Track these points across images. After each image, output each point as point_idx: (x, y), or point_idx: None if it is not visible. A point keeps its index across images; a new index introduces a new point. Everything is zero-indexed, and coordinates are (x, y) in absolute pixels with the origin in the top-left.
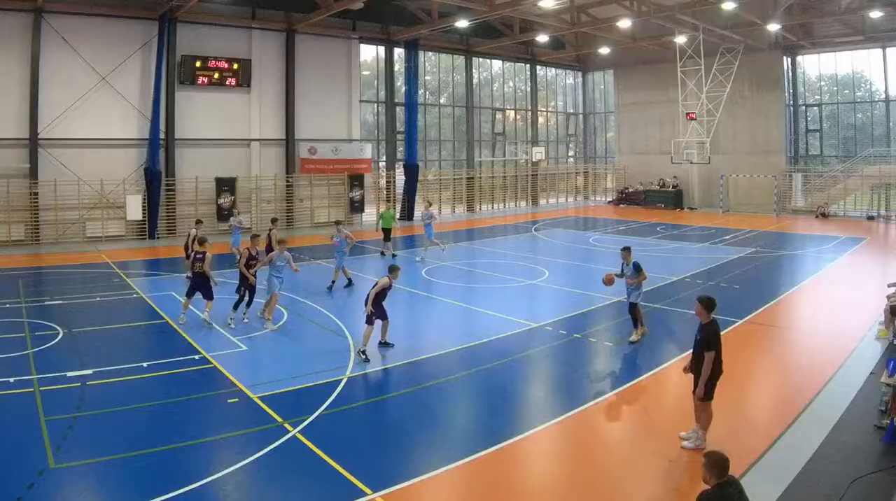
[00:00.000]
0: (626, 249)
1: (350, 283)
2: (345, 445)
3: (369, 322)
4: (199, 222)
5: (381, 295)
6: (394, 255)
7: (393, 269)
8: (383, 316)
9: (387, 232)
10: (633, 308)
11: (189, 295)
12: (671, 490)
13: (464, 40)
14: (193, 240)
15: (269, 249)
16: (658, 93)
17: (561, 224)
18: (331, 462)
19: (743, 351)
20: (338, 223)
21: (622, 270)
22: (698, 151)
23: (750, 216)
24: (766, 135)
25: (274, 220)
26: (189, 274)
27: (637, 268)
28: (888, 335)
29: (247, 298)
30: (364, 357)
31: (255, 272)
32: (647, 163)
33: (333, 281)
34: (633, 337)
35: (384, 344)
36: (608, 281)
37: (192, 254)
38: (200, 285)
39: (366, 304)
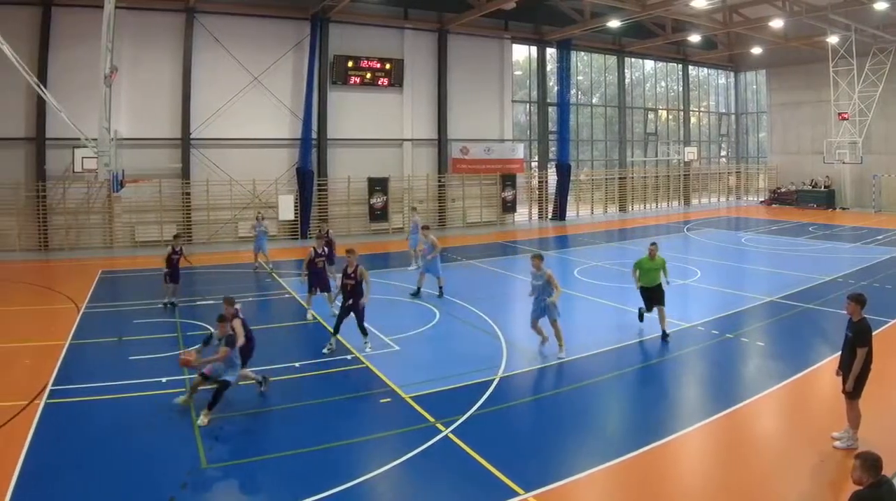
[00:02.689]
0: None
1: (418, 293)
2: (497, 445)
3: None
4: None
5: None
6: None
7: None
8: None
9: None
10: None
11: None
12: (824, 488)
13: (616, 40)
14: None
15: (330, 252)
16: (810, 93)
17: (713, 224)
18: (483, 461)
19: (894, 351)
20: (425, 229)
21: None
22: (850, 151)
23: None
24: None
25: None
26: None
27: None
28: None
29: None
30: None
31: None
32: (799, 163)
33: (419, 287)
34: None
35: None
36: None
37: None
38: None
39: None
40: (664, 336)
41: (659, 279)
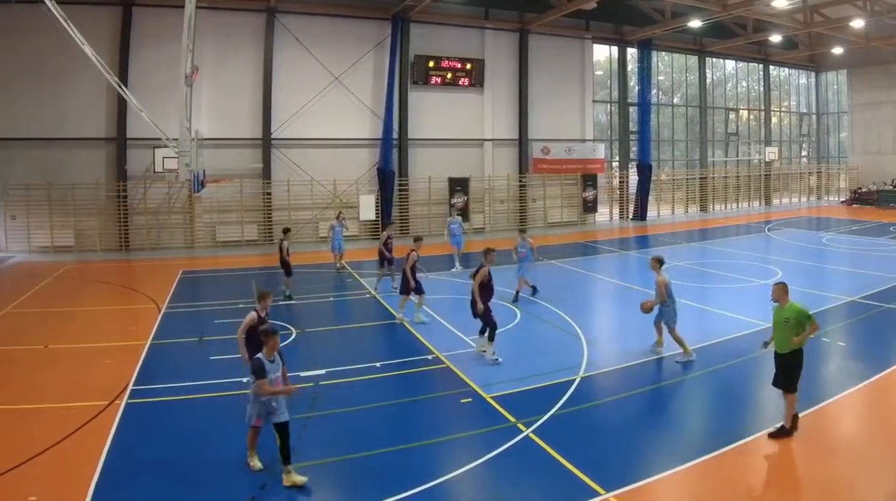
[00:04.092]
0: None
1: (535, 291)
2: (578, 445)
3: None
4: (390, 224)
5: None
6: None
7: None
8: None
9: None
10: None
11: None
12: None
13: (697, 40)
14: (386, 240)
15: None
16: (892, 93)
17: (793, 224)
18: (564, 461)
19: None
20: (522, 232)
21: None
22: None
23: None
24: None
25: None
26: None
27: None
28: None
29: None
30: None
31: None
32: (881, 163)
33: (518, 292)
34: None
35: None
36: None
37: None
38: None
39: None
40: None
41: (789, 341)
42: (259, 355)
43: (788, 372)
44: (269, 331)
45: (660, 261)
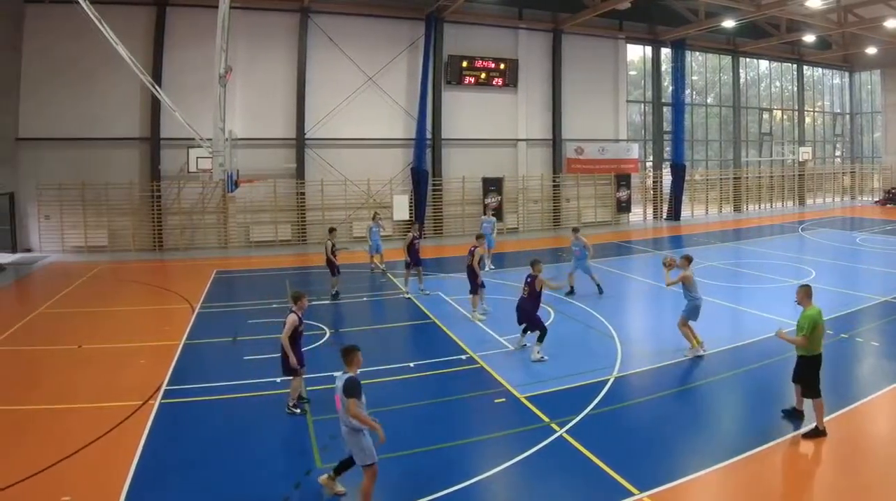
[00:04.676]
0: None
1: (572, 291)
2: (612, 445)
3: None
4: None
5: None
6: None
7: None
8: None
9: None
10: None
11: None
12: None
13: (730, 40)
14: (412, 241)
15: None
16: None
17: (827, 224)
18: (597, 461)
19: None
20: (575, 230)
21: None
22: None
23: None
24: None
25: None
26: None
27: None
28: None
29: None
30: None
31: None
32: None
33: (572, 286)
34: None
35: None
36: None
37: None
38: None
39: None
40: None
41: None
42: (352, 374)
43: (804, 375)
44: (351, 348)
45: (688, 260)
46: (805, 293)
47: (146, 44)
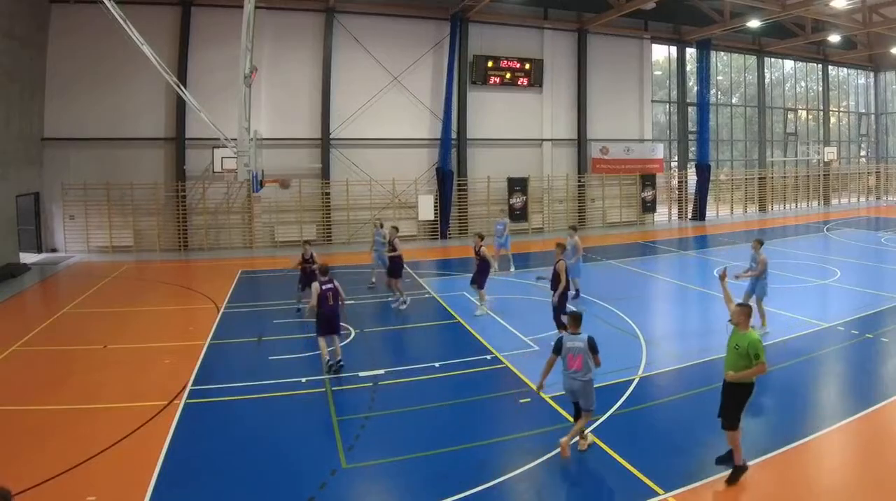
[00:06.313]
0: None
1: (577, 295)
2: (637, 445)
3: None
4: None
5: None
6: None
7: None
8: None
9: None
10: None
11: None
12: None
13: (755, 40)
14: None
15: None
16: None
17: (852, 224)
18: (622, 461)
19: None
20: (573, 229)
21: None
22: None
23: None
24: None
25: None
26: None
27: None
28: None
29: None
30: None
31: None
32: None
33: (577, 290)
34: None
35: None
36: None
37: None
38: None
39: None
40: None
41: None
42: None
43: (726, 402)
44: (580, 314)
45: (760, 243)
46: (744, 313)
47: (171, 44)
